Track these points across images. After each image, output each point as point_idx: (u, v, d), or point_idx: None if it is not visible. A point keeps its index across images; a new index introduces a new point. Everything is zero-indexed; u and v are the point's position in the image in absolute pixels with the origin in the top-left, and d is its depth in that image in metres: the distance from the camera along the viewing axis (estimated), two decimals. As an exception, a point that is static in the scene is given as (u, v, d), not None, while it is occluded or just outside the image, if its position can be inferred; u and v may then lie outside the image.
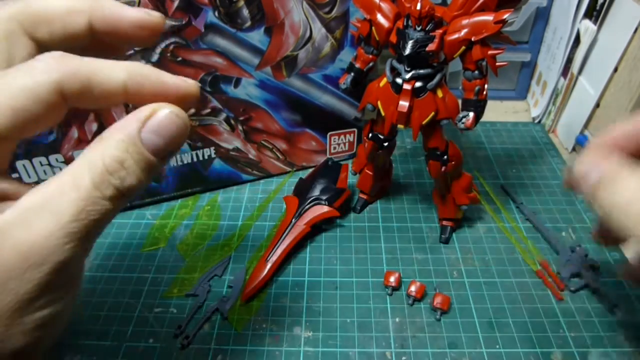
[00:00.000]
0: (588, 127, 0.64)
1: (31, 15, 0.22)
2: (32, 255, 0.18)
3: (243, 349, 0.42)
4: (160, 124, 0.21)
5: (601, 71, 0.59)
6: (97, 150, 0.20)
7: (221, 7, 0.48)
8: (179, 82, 0.23)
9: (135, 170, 0.20)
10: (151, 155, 0.21)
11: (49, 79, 0.19)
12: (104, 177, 0.19)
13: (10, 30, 0.22)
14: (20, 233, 0.18)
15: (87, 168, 0.19)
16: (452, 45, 0.41)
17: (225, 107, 0.55)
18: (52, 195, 0.19)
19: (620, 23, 0.56)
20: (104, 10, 0.23)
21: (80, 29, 0.23)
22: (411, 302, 0.46)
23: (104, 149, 0.20)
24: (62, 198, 0.19)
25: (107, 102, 0.21)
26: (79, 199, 0.19)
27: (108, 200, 0.20)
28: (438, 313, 0.44)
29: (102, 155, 0.20)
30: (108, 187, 0.19)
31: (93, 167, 0.19)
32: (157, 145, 0.21)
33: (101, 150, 0.20)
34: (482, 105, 0.43)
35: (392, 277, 0.47)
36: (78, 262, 0.20)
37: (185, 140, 0.22)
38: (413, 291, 0.46)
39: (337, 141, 0.62)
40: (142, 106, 0.21)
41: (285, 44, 0.52)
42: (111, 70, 0.21)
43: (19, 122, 0.19)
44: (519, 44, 0.71)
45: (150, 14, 0.24)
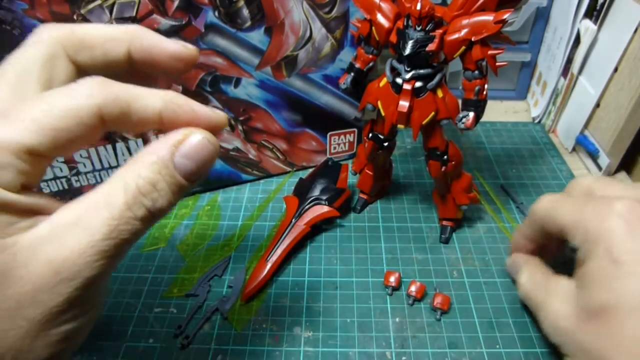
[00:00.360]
0: (588, 127, 0.64)
1: (75, 40, 0.23)
2: (63, 270, 0.18)
3: (243, 349, 0.42)
4: (193, 148, 0.22)
5: (601, 71, 0.59)
6: (131, 172, 0.21)
7: (221, 7, 0.48)
8: (209, 112, 0.23)
9: (167, 193, 0.21)
10: (182, 179, 0.21)
11: (91, 102, 0.20)
12: (136, 198, 0.20)
13: (54, 53, 0.23)
14: (53, 248, 0.19)
15: (121, 188, 0.20)
16: (452, 45, 0.41)
17: (225, 107, 0.55)
18: (85, 213, 0.20)
19: (620, 23, 0.56)
20: (143, 41, 0.24)
21: (120, 57, 0.24)
22: (411, 302, 0.46)
23: (137, 170, 0.21)
24: (95, 216, 0.19)
25: (142, 128, 0.22)
26: (112, 218, 0.19)
27: (139, 220, 0.20)
28: (438, 313, 0.44)
29: (136, 177, 0.20)
30: (140, 208, 0.20)
31: (126, 188, 0.20)
32: (189, 169, 0.21)
33: (135, 171, 0.21)
34: (482, 105, 0.43)
35: (392, 277, 0.47)
36: (105, 278, 0.21)
37: (214, 164, 0.23)
38: (413, 291, 0.46)
39: (337, 141, 0.62)
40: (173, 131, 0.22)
41: (285, 44, 0.52)
42: (149, 98, 0.22)
43: (58, 142, 0.20)
44: (519, 44, 0.71)
45: (187, 47, 0.25)
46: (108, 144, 0.52)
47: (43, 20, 0.44)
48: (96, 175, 0.54)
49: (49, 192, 0.52)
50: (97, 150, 0.52)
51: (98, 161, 0.53)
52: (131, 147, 0.53)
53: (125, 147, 0.53)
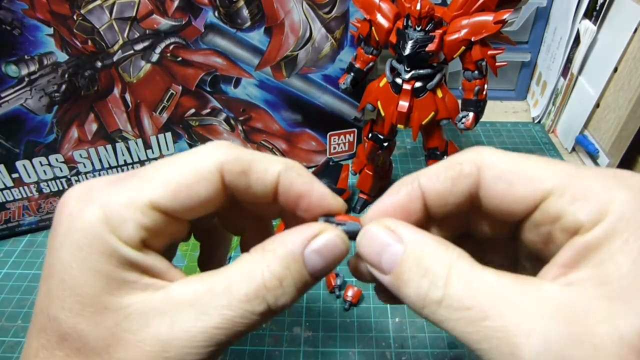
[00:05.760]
0: (588, 127, 0.64)
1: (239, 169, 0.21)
2: (171, 349, 0.18)
3: (243, 349, 0.42)
4: (326, 246, 0.21)
5: (601, 71, 0.59)
6: (258, 262, 0.19)
7: (221, 7, 0.48)
8: (326, 194, 0.22)
9: (291, 290, 0.20)
10: (309, 276, 0.20)
11: (213, 159, 0.20)
12: (259, 293, 0.19)
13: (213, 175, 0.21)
14: (165, 324, 0.18)
15: (245, 278, 0.19)
16: (452, 46, 0.41)
17: (225, 107, 0.55)
18: (203, 295, 0.19)
19: (620, 23, 0.56)
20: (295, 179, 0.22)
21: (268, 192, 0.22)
22: (347, 307, 0.45)
23: (266, 262, 0.19)
24: (212, 302, 0.19)
25: (259, 194, 0.21)
26: (229, 309, 0.18)
27: (257, 315, 0.19)
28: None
29: (263, 270, 0.19)
30: (261, 304, 0.19)
31: (250, 280, 0.19)
32: (318, 266, 0.20)
33: (263, 263, 0.19)
34: (482, 105, 0.43)
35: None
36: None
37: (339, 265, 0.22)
38: (350, 296, 0.45)
39: (337, 141, 0.62)
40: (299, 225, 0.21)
41: (285, 44, 0.52)
42: (268, 162, 0.21)
43: (181, 199, 0.19)
44: (519, 44, 0.71)
45: (337, 199, 0.23)
46: (108, 144, 0.52)
47: (43, 20, 0.44)
48: (96, 175, 0.54)
49: (49, 191, 0.52)
50: (97, 150, 0.52)
51: (98, 161, 0.53)
52: (131, 147, 0.53)
53: (125, 147, 0.53)
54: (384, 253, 0.20)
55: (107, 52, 0.48)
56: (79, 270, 0.18)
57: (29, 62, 0.45)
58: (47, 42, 0.45)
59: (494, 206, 0.20)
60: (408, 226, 0.20)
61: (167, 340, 0.18)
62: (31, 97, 0.47)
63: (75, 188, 0.20)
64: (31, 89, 0.46)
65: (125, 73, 0.49)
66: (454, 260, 0.18)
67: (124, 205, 0.18)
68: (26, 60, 0.45)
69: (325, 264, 0.21)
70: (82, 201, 0.19)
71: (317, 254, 0.20)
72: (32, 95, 0.47)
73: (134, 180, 0.19)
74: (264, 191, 0.21)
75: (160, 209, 0.19)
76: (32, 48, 0.44)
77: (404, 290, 0.19)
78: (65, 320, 0.18)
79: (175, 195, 0.19)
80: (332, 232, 0.21)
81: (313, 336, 0.43)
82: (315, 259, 0.20)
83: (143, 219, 0.19)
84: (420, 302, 0.18)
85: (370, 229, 0.21)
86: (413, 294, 0.18)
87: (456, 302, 0.17)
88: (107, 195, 0.19)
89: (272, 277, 0.19)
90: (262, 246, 0.20)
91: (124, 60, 0.49)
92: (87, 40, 0.46)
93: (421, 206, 0.22)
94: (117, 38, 0.47)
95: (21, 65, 0.45)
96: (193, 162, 0.20)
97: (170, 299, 0.19)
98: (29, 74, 0.46)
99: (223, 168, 0.20)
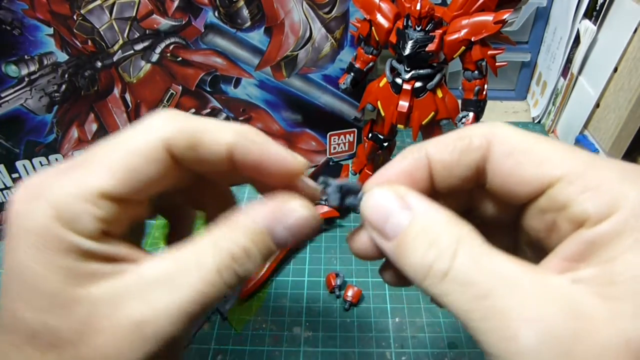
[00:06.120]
0: (588, 127, 0.64)
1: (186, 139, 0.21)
2: (145, 327, 0.18)
3: (243, 349, 0.42)
4: (296, 223, 0.20)
5: (601, 71, 0.59)
6: (226, 235, 0.20)
7: (221, 7, 0.48)
8: (285, 156, 0.21)
9: (257, 259, 0.20)
10: (275, 246, 0.20)
11: (157, 136, 0.19)
12: (228, 264, 0.19)
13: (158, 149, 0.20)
14: (138, 304, 0.18)
15: (213, 251, 0.19)
16: (452, 46, 0.41)
17: (225, 107, 0.55)
18: (174, 272, 0.19)
19: (620, 23, 0.56)
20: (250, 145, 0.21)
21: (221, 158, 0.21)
22: (347, 307, 0.45)
23: (233, 235, 0.20)
24: (183, 277, 0.19)
25: (213, 165, 0.21)
26: (201, 281, 0.19)
27: (227, 284, 0.19)
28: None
29: (231, 243, 0.19)
30: (230, 274, 0.19)
31: (219, 252, 0.19)
32: (285, 240, 0.20)
33: (230, 236, 0.20)
34: (482, 105, 0.43)
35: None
36: (185, 337, 0.20)
37: None
38: (350, 296, 0.45)
39: (337, 141, 0.62)
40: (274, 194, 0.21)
41: (285, 44, 0.52)
42: (220, 131, 0.20)
43: (131, 183, 0.19)
44: (519, 44, 0.71)
45: (296, 158, 0.22)
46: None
47: (43, 20, 0.44)
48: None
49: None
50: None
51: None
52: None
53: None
54: (390, 217, 0.19)
55: (107, 52, 0.48)
56: (40, 269, 0.18)
57: (29, 62, 0.45)
58: (47, 42, 0.45)
59: (499, 185, 0.20)
60: (418, 195, 0.19)
61: (142, 319, 0.18)
62: (31, 97, 0.47)
63: (22, 185, 0.19)
64: (31, 89, 0.46)
65: (125, 73, 0.49)
66: (464, 235, 0.18)
67: (74, 197, 0.18)
68: (26, 60, 0.45)
69: (293, 238, 0.21)
70: (29, 199, 0.18)
71: (285, 229, 0.20)
72: (32, 95, 0.47)
73: (80, 169, 0.19)
74: (218, 163, 0.21)
75: (111, 197, 0.19)
76: (32, 48, 0.44)
77: (407, 258, 0.18)
78: (33, 319, 0.18)
79: (124, 180, 0.19)
80: (305, 210, 0.21)
81: (313, 336, 0.43)
82: (283, 233, 0.20)
83: (96, 211, 0.18)
84: (423, 272, 0.18)
85: (378, 191, 0.20)
86: (417, 264, 0.18)
87: (461, 276, 0.17)
88: (54, 189, 0.18)
89: (239, 250, 0.19)
90: (230, 219, 0.20)
91: (124, 60, 0.49)
92: (87, 40, 0.46)
93: (427, 176, 0.21)
94: (117, 38, 0.47)
95: (21, 65, 0.45)
96: (138, 142, 0.19)
97: (140, 279, 0.19)
98: (29, 74, 0.46)
99: (170, 144, 0.20)
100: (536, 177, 0.18)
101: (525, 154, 0.19)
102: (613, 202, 0.16)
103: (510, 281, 0.16)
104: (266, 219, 0.20)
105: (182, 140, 0.20)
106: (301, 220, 0.21)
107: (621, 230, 0.16)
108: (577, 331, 0.15)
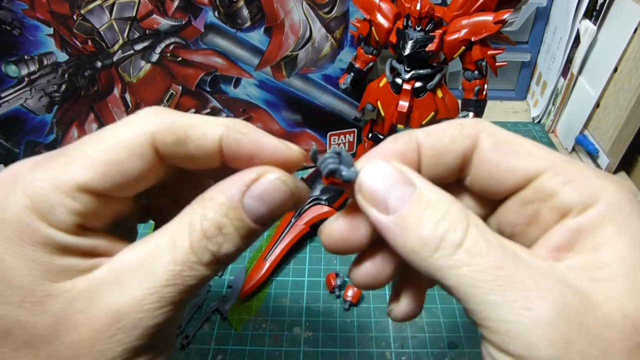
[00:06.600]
0: (588, 127, 0.64)
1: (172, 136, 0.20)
2: (123, 317, 0.17)
3: (243, 349, 0.42)
4: (265, 190, 0.19)
5: (601, 71, 0.59)
6: (197, 212, 0.19)
7: (221, 7, 0.48)
8: (279, 146, 0.20)
9: (233, 237, 0.19)
10: (252, 222, 0.19)
11: (143, 130, 0.19)
12: (201, 242, 0.18)
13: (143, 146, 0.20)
14: (113, 294, 0.17)
15: (186, 230, 0.18)
16: (452, 46, 0.41)
17: (225, 107, 0.55)
18: (148, 256, 0.18)
19: (620, 23, 0.56)
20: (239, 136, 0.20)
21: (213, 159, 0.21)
22: (347, 307, 0.45)
23: (203, 211, 0.19)
24: (157, 260, 0.18)
25: (203, 161, 0.20)
26: (175, 263, 0.18)
27: (204, 265, 0.18)
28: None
29: (202, 219, 0.19)
30: (205, 253, 0.18)
31: (191, 230, 0.18)
32: (260, 212, 0.19)
33: (201, 212, 0.19)
34: (482, 105, 0.43)
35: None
36: (171, 325, 0.19)
37: (289, 208, 0.20)
38: (349, 296, 0.45)
39: (337, 141, 0.62)
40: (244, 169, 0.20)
41: (285, 44, 0.52)
42: (208, 125, 0.20)
43: (112, 177, 0.18)
44: (519, 44, 0.71)
45: (290, 147, 0.21)
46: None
47: (43, 20, 0.44)
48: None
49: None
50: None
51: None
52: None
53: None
54: (393, 190, 0.18)
55: (107, 52, 0.48)
56: (13, 262, 0.17)
57: (29, 62, 0.45)
58: (47, 42, 0.45)
59: (485, 175, 0.20)
60: (419, 175, 0.19)
61: (117, 309, 0.17)
62: (31, 97, 0.47)
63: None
64: (31, 89, 0.47)
65: (125, 73, 0.49)
66: (470, 213, 0.18)
67: (50, 189, 0.17)
68: (26, 60, 0.45)
69: (267, 210, 0.19)
70: (4, 188, 0.18)
71: (257, 200, 0.19)
72: (32, 95, 0.47)
73: (59, 161, 0.18)
74: (208, 158, 0.20)
75: (90, 191, 0.18)
76: (32, 48, 0.44)
77: (412, 232, 0.17)
78: (6, 315, 0.17)
79: (104, 174, 0.18)
80: (273, 174, 0.19)
81: (313, 336, 0.43)
82: (256, 205, 0.19)
83: (73, 204, 0.18)
84: (433, 244, 0.17)
85: (380, 163, 0.19)
86: (426, 236, 0.17)
87: (474, 248, 0.16)
88: (30, 179, 0.18)
89: (210, 226, 0.18)
90: (202, 196, 0.19)
91: (124, 60, 0.49)
92: (87, 40, 0.46)
93: (416, 161, 0.20)
94: (117, 38, 0.47)
95: (21, 65, 0.45)
96: (122, 136, 0.19)
97: (115, 268, 0.18)
98: (29, 74, 0.46)
99: (155, 139, 0.19)
100: (523, 167, 0.19)
101: (512, 145, 0.19)
102: (594, 193, 0.17)
103: (519, 258, 0.17)
104: (234, 190, 0.19)
105: (169, 136, 0.19)
106: (271, 186, 0.19)
107: (603, 219, 0.17)
108: (585, 306, 0.16)
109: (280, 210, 0.20)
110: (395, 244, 0.18)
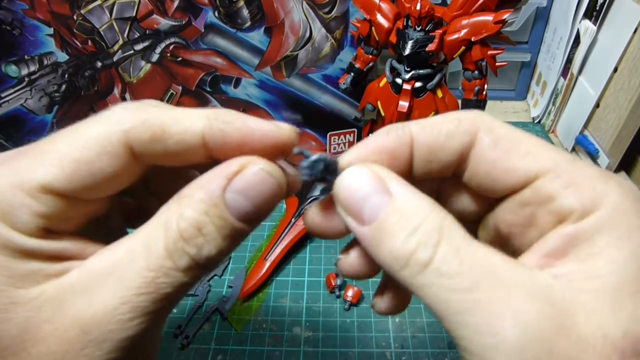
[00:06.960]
0: (588, 127, 0.64)
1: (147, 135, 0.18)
2: (92, 329, 0.16)
3: (243, 349, 0.42)
4: (249, 183, 0.17)
5: (601, 71, 0.59)
6: (173, 211, 0.17)
7: (221, 7, 0.48)
8: (268, 128, 0.18)
9: (214, 238, 0.17)
10: (236, 220, 0.17)
11: (115, 128, 0.17)
12: (177, 245, 0.16)
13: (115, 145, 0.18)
14: (82, 302, 0.16)
15: (161, 232, 0.17)
16: (452, 46, 0.41)
17: (225, 107, 0.55)
18: (120, 261, 0.16)
19: (620, 23, 0.56)
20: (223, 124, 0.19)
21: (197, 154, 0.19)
22: (347, 307, 0.45)
23: (180, 209, 0.17)
24: (130, 266, 0.16)
25: (186, 157, 0.18)
26: (148, 269, 0.16)
27: (181, 272, 0.16)
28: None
29: (178, 219, 0.17)
30: (182, 257, 0.16)
31: (167, 231, 0.16)
32: (244, 208, 0.17)
33: (177, 211, 0.17)
34: (482, 105, 0.44)
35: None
36: (149, 339, 0.17)
37: (278, 203, 0.18)
38: (349, 296, 0.45)
39: (337, 141, 0.62)
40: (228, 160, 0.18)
41: (285, 44, 0.52)
42: (188, 119, 0.18)
43: (80, 178, 0.17)
44: (519, 44, 0.71)
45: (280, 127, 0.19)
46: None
47: (43, 20, 0.44)
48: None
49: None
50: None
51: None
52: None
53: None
54: (368, 200, 0.17)
55: (107, 52, 0.48)
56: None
57: (29, 62, 0.45)
58: (47, 42, 0.45)
59: (483, 174, 0.18)
60: (399, 178, 0.17)
61: (86, 319, 0.16)
62: (31, 97, 0.47)
63: None
64: (31, 89, 0.47)
65: (125, 73, 0.49)
66: (447, 224, 0.16)
67: (10, 188, 0.16)
68: (26, 60, 0.45)
69: (252, 205, 0.17)
70: None
71: (240, 194, 0.17)
72: (32, 95, 0.47)
73: (24, 159, 0.17)
74: (191, 154, 0.18)
75: (55, 192, 0.16)
76: (32, 48, 0.44)
77: (384, 245, 0.16)
78: None
79: (72, 174, 0.16)
80: (257, 164, 0.17)
81: (313, 336, 0.43)
82: (239, 200, 0.17)
83: (36, 205, 0.16)
84: (401, 261, 0.16)
85: (355, 170, 0.18)
86: (395, 252, 0.16)
87: (444, 267, 0.15)
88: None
89: (187, 226, 0.16)
90: (179, 193, 0.17)
91: (124, 60, 0.49)
92: (87, 40, 0.46)
93: (408, 157, 0.19)
94: (117, 38, 0.47)
95: (21, 65, 0.45)
96: (93, 134, 0.17)
97: (86, 274, 0.16)
98: (29, 74, 0.46)
99: (129, 137, 0.17)
100: (523, 168, 0.17)
101: (513, 143, 0.18)
102: (595, 199, 0.16)
103: (493, 275, 0.15)
104: (214, 183, 0.17)
105: (144, 133, 0.17)
106: (254, 178, 0.17)
107: (602, 227, 0.16)
108: (559, 328, 0.15)
109: (266, 205, 0.18)
110: (371, 254, 0.17)
